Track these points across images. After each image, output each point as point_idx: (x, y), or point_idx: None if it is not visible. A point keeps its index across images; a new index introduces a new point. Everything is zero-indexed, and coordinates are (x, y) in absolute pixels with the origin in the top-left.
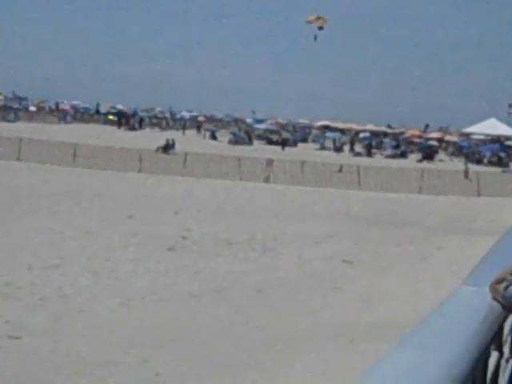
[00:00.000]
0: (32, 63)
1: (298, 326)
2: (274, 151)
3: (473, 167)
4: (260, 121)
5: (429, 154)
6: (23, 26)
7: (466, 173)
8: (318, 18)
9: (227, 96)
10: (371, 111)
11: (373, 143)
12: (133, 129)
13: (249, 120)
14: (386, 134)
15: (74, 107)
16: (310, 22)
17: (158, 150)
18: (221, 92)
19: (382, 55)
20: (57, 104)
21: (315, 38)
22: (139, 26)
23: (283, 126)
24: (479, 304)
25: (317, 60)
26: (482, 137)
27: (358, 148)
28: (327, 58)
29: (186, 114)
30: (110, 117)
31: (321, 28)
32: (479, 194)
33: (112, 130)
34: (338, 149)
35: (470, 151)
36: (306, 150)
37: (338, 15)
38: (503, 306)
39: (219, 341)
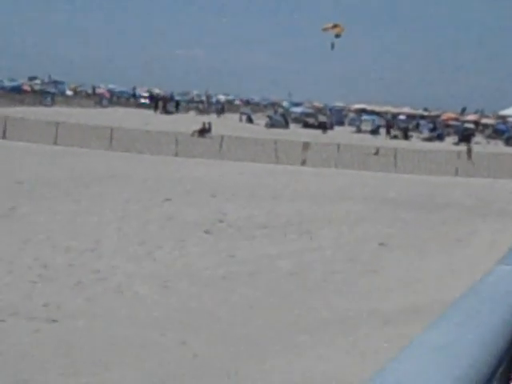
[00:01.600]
0: (69, 47)
1: (332, 308)
2: (314, 135)
3: (510, 149)
4: (296, 104)
5: (465, 136)
6: (60, 12)
7: (469, 153)
8: (335, 26)
9: (264, 79)
10: (408, 94)
11: (409, 126)
12: (169, 112)
13: (285, 103)
14: (422, 117)
15: (110, 91)
16: (326, 30)
17: (194, 133)
18: (257, 75)
19: (418, 37)
20: (93, 88)
21: (332, 46)
22: (175, 12)
23: (320, 109)
24: None
25: (351, 43)
26: None
27: (395, 131)
28: (362, 41)
29: (223, 98)
30: (142, 100)
31: (338, 36)
32: None
33: (148, 113)
34: (375, 131)
35: (508, 134)
36: (342, 133)
37: None
38: None
39: (253, 323)
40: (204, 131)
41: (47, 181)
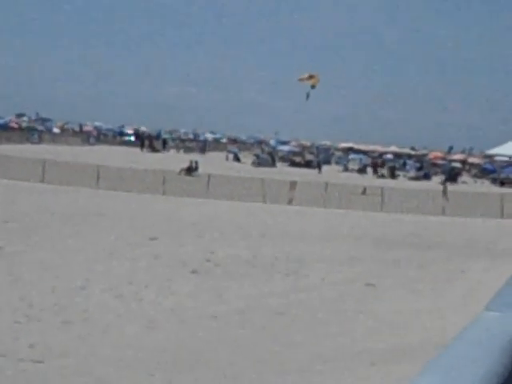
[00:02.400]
0: (55, 85)
1: (319, 349)
2: (301, 173)
3: (497, 189)
4: (283, 142)
5: (452, 175)
6: (50, 50)
7: (445, 191)
8: (311, 77)
9: (250, 118)
10: (395, 133)
11: (396, 165)
12: (156, 150)
13: (272, 142)
14: (409, 156)
15: (97, 129)
16: (302, 80)
17: (181, 171)
18: (244, 114)
19: (405, 77)
20: (80, 126)
21: (307, 96)
22: (162, 48)
23: (307, 148)
24: (502, 330)
25: (339, 82)
26: (506, 158)
27: (382, 170)
28: (348, 81)
29: (210, 136)
30: (127, 138)
31: (313, 87)
32: (503, 216)
33: (135, 151)
34: (362, 170)
35: (495, 174)
36: (329, 172)
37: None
38: None
39: (242, 363)
40: (191, 170)
41: (34, 219)
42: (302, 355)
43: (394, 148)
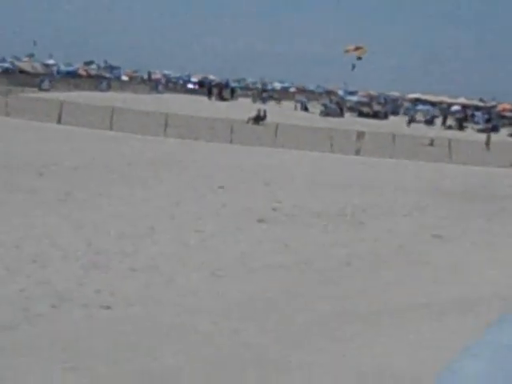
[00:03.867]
0: (124, 33)
1: (385, 299)
2: (369, 124)
3: None
4: (351, 93)
5: None
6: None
7: (487, 142)
8: (357, 48)
9: (319, 67)
10: (463, 84)
11: (464, 116)
12: (224, 99)
13: (340, 92)
14: (477, 108)
15: (165, 76)
16: (347, 52)
17: (249, 120)
18: (313, 63)
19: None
20: (149, 73)
21: (353, 67)
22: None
23: (374, 98)
24: None
25: (407, 33)
26: None
27: (450, 121)
28: (417, 32)
29: (278, 85)
30: (191, 86)
31: (359, 58)
32: None
33: (202, 100)
34: (430, 122)
35: None
36: (397, 123)
37: None
38: None
39: (305, 312)
40: (259, 119)
41: (102, 166)
42: (366, 306)
43: (462, 99)
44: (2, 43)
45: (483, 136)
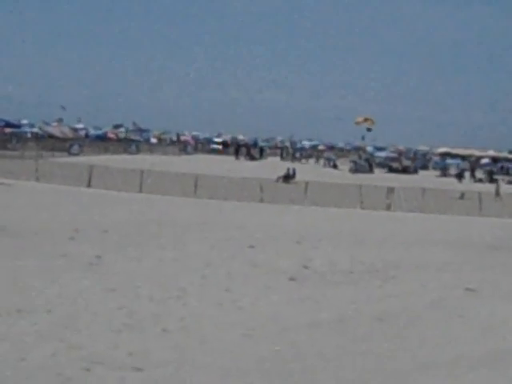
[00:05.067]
0: (152, 95)
1: (419, 355)
2: (399, 179)
3: None
4: (380, 148)
5: None
6: (143, 59)
7: (497, 192)
8: (366, 120)
9: (348, 124)
10: (492, 137)
11: (494, 169)
12: (253, 158)
13: (369, 148)
14: (507, 160)
15: (194, 138)
16: (358, 123)
17: (278, 179)
18: (341, 120)
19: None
20: (178, 135)
21: (363, 138)
22: (261, 56)
23: (403, 153)
24: None
25: (433, 86)
26: None
27: (479, 174)
28: (445, 84)
29: (307, 143)
30: (215, 146)
31: (369, 130)
32: None
33: (230, 160)
34: (460, 175)
35: None
36: (426, 177)
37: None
38: None
39: (339, 371)
40: (288, 177)
41: (132, 228)
42: (401, 361)
43: (491, 152)
44: (31, 108)
45: None
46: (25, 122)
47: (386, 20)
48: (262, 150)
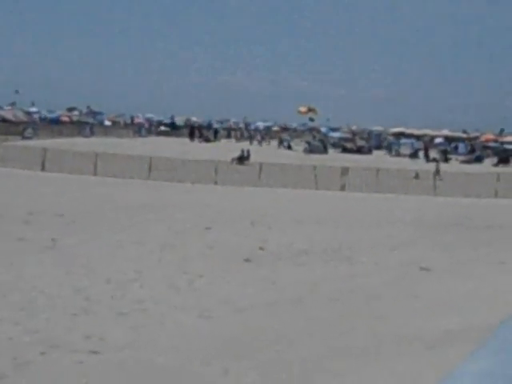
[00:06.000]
0: (106, 78)
1: (374, 333)
2: (361, 159)
3: None
4: (334, 129)
5: (504, 157)
6: (93, 41)
7: (437, 171)
8: (310, 110)
9: (302, 105)
10: (446, 116)
11: (448, 149)
12: (207, 140)
13: (323, 128)
14: (461, 139)
15: (148, 120)
16: (300, 113)
17: (233, 161)
18: (295, 101)
19: (456, 61)
20: (132, 118)
21: (311, 120)
22: (211, 38)
23: (357, 134)
24: None
25: (389, 65)
26: None
27: (433, 154)
28: (400, 63)
29: (261, 125)
30: (162, 128)
31: (312, 119)
32: None
33: (185, 142)
34: (414, 155)
35: None
36: (380, 157)
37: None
38: None
39: (297, 349)
40: (243, 158)
41: (87, 212)
42: (357, 341)
43: (445, 131)
44: None
45: (467, 167)
46: None
47: None
48: (216, 132)
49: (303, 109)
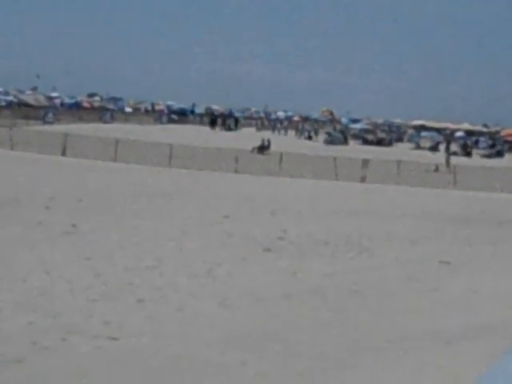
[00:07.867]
0: (129, 64)
1: (394, 327)
2: (381, 151)
3: None
4: (355, 120)
5: None
6: (118, 30)
7: (448, 163)
8: (328, 112)
9: (323, 96)
10: (467, 110)
11: (468, 142)
12: (228, 129)
13: (344, 120)
14: (481, 133)
15: (169, 107)
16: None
17: (253, 150)
18: (317, 92)
19: (480, 55)
20: (152, 104)
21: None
22: (237, 27)
23: (378, 126)
24: None
25: (410, 59)
26: None
27: (454, 147)
28: (422, 56)
29: (282, 114)
30: (172, 116)
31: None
32: None
33: (206, 130)
34: (434, 148)
35: None
36: (401, 150)
37: None
38: None
39: (316, 340)
40: (263, 148)
41: (107, 198)
42: (376, 334)
43: (466, 125)
44: (5, 77)
45: (488, 161)
46: None
47: None
48: (237, 121)
49: (325, 110)
